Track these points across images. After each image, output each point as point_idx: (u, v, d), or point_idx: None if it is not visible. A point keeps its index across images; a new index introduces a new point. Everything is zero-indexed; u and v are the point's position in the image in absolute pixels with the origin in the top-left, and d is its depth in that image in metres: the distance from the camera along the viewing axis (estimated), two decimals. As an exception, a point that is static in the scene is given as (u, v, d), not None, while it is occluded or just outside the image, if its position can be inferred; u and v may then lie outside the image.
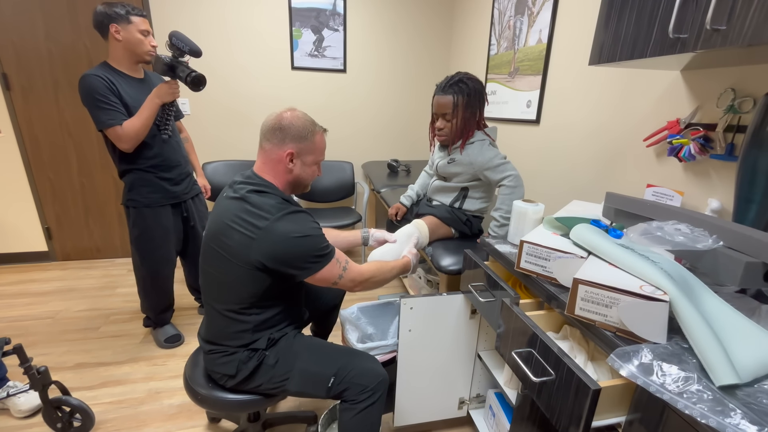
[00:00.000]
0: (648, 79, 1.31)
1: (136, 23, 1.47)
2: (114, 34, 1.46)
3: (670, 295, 0.65)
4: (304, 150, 1.03)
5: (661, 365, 0.60)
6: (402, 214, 1.77)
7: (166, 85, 1.50)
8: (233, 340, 1.03)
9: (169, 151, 1.65)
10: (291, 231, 0.94)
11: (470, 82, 1.39)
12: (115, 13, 1.43)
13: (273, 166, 1.01)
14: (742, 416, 0.50)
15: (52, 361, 1.72)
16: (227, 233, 0.96)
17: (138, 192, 1.61)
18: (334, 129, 3.00)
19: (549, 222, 1.03)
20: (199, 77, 1.46)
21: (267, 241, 0.93)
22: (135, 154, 1.56)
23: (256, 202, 0.96)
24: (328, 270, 1.00)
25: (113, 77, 1.48)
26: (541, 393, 0.76)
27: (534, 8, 1.90)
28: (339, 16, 2.72)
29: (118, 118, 1.46)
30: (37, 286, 2.40)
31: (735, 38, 0.72)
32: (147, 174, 1.61)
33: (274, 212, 0.95)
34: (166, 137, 1.62)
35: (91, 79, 1.42)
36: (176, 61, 1.48)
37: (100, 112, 1.44)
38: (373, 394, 1.03)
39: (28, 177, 2.53)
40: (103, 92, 1.43)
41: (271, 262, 0.94)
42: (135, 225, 1.66)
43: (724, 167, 1.07)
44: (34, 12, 2.29)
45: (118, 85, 1.48)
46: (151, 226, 1.67)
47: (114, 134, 1.46)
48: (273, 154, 1.00)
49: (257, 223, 0.93)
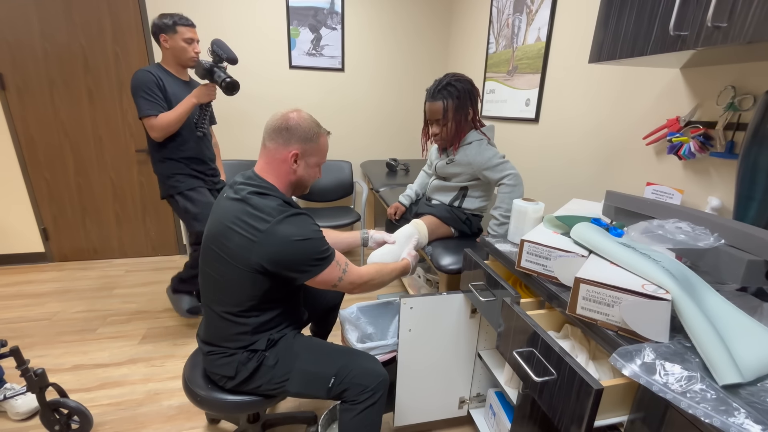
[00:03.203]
0: (647, 76, 1.30)
1: (182, 32, 1.65)
2: (162, 42, 1.66)
3: (672, 294, 0.64)
4: (309, 151, 1.02)
5: (664, 364, 0.59)
6: (401, 214, 1.77)
7: (204, 87, 1.66)
8: (232, 341, 1.02)
9: (202, 147, 1.80)
10: (292, 234, 0.93)
11: (459, 84, 1.38)
12: (164, 24, 1.63)
13: (276, 166, 1.00)
14: (746, 415, 0.50)
15: (49, 363, 1.71)
16: (227, 235, 0.95)
17: (176, 179, 1.74)
18: (333, 128, 2.98)
19: (549, 221, 1.03)
20: (233, 83, 1.61)
21: (268, 244, 0.92)
22: (170, 145, 1.70)
23: (257, 204, 0.95)
24: (328, 273, 0.99)
25: (162, 75, 1.66)
26: (543, 392, 0.75)
27: (532, 6, 1.89)
28: (337, 14, 2.71)
29: (156, 109, 1.61)
30: (34, 287, 2.38)
31: (736, 35, 0.71)
32: (179, 164, 1.74)
33: (276, 215, 0.94)
34: (201, 134, 1.77)
35: (142, 73, 1.61)
36: (215, 66, 1.64)
37: (142, 102, 1.60)
38: (374, 394, 1.03)
39: (24, 177, 2.51)
40: (149, 85, 1.60)
41: (272, 265, 0.94)
42: (187, 211, 1.75)
43: (725, 165, 1.07)
44: (28, 10, 2.26)
45: (166, 82, 1.66)
46: (204, 204, 1.76)
47: (148, 123, 1.62)
48: (278, 154, 1.00)
49: (258, 226, 0.92)
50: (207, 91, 1.66)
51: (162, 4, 2.43)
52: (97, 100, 2.49)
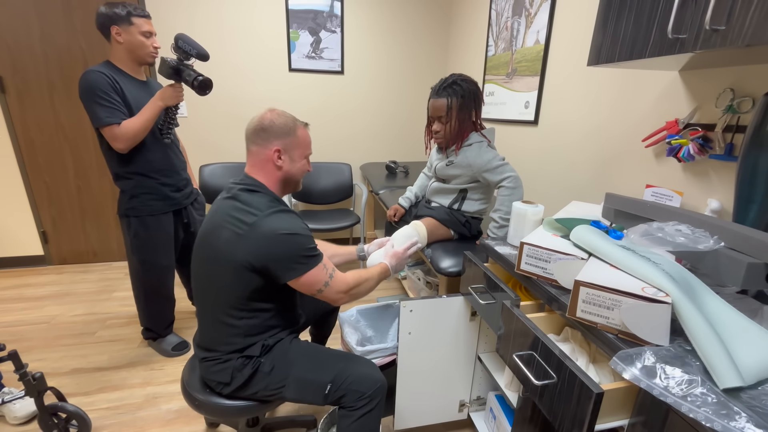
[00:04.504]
0: (646, 79, 1.31)
1: (138, 24, 1.44)
2: (115, 36, 1.43)
3: (673, 297, 0.64)
4: (290, 145, 1.03)
5: (665, 368, 0.59)
6: (400, 216, 1.77)
7: (170, 89, 1.47)
8: (225, 345, 1.01)
9: (171, 156, 1.62)
10: (279, 228, 0.94)
11: (464, 84, 1.38)
12: (116, 14, 1.40)
13: (262, 166, 1.02)
14: (747, 419, 0.49)
15: (47, 367, 1.70)
16: (217, 232, 0.96)
17: (140, 200, 1.55)
18: (332, 131, 2.99)
19: (549, 223, 1.02)
20: (206, 81, 1.44)
21: (254, 238, 0.92)
22: (136, 158, 1.51)
23: (246, 199, 0.97)
24: (314, 274, 0.98)
25: (117, 76, 1.44)
26: (543, 396, 0.75)
27: (531, 9, 1.90)
28: (336, 17, 2.72)
29: (117, 117, 1.41)
30: (33, 290, 2.38)
31: (734, 38, 0.71)
32: (149, 179, 1.55)
33: (264, 209, 0.95)
34: (168, 141, 1.59)
35: (93, 75, 1.39)
36: (182, 64, 1.46)
37: (99, 109, 1.39)
38: (371, 400, 1.02)
39: (24, 180, 2.51)
40: (105, 89, 1.39)
41: (258, 259, 0.93)
42: (137, 236, 1.59)
43: (724, 167, 1.07)
44: (28, 13, 2.27)
45: (122, 84, 1.45)
46: (155, 234, 1.61)
47: (110, 133, 1.42)
48: (261, 155, 1.01)
49: (245, 219, 0.93)
50: (174, 93, 1.47)
51: (161, 7, 2.44)
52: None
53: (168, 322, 1.82)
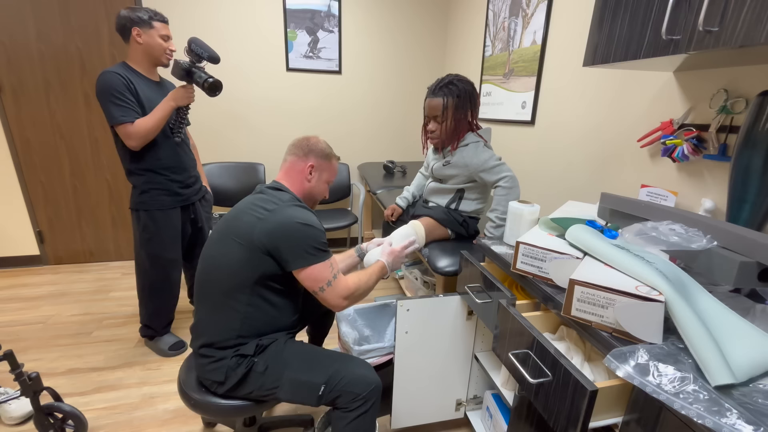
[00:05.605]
0: (641, 80, 1.32)
1: (158, 28, 1.53)
2: (135, 37, 1.51)
3: (666, 296, 0.65)
4: (322, 167, 1.15)
5: (658, 365, 0.60)
6: (398, 215, 1.77)
7: (182, 89, 1.54)
8: (221, 335, 1.02)
9: (180, 154, 1.68)
10: (297, 216, 1.01)
11: (460, 84, 1.39)
12: (138, 17, 1.49)
13: (294, 175, 1.12)
14: (738, 416, 0.50)
15: (43, 367, 1.69)
16: (240, 216, 1.03)
17: (149, 195, 1.62)
18: (330, 130, 2.99)
19: (544, 223, 1.03)
20: (215, 83, 1.52)
21: (272, 221, 0.99)
22: (147, 155, 1.58)
23: (271, 193, 1.07)
24: (320, 269, 1.01)
25: (132, 76, 1.52)
26: (538, 394, 0.75)
27: (528, 10, 1.91)
28: (334, 17, 2.72)
29: (131, 115, 1.48)
30: (29, 290, 2.37)
31: (727, 39, 0.72)
32: (158, 176, 1.62)
33: (286, 200, 1.05)
34: (179, 140, 1.66)
35: (109, 75, 1.46)
36: (194, 66, 1.54)
37: (114, 108, 1.46)
38: (366, 402, 1.02)
39: (19, 179, 2.50)
40: (120, 89, 1.46)
41: (271, 240, 0.98)
42: (145, 229, 1.65)
43: (717, 167, 1.08)
44: (24, 12, 2.26)
45: (136, 85, 1.52)
46: (163, 229, 1.67)
47: (124, 131, 1.48)
48: (296, 165, 1.12)
49: (267, 207, 1.02)
50: (186, 93, 1.54)
51: (159, 7, 2.43)
52: (93, 103, 2.48)
53: (168, 320, 1.83)
